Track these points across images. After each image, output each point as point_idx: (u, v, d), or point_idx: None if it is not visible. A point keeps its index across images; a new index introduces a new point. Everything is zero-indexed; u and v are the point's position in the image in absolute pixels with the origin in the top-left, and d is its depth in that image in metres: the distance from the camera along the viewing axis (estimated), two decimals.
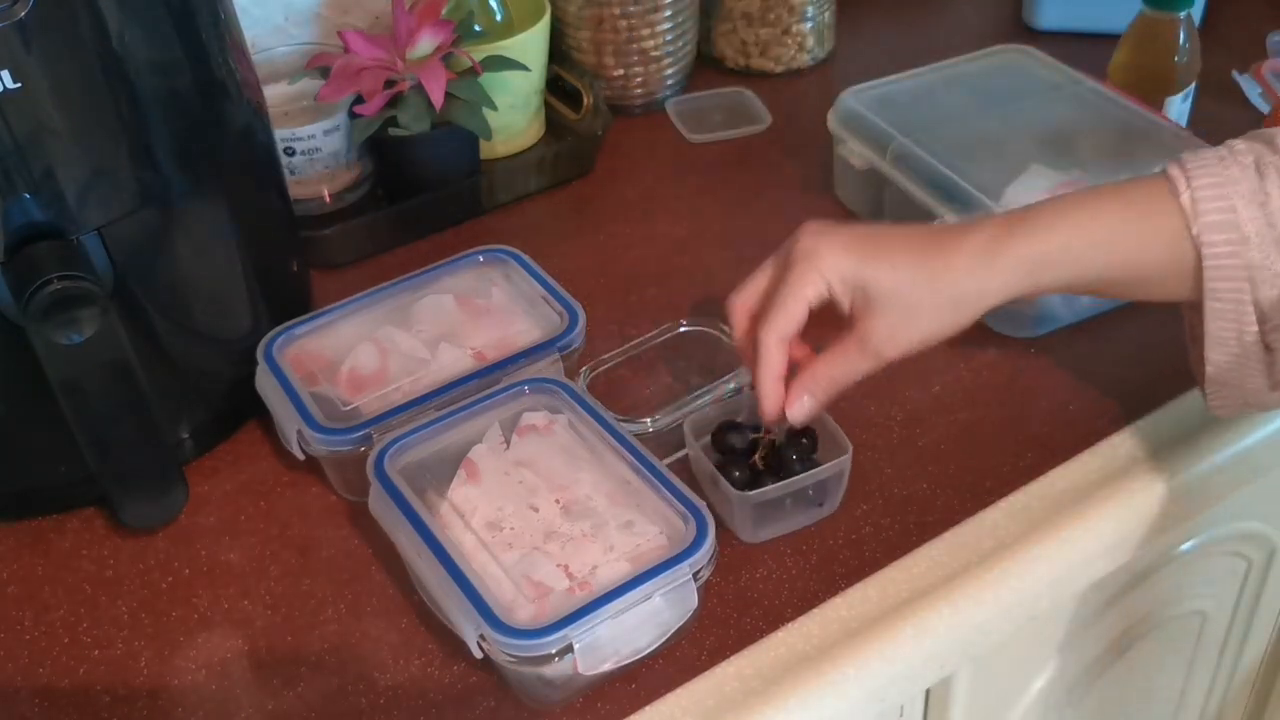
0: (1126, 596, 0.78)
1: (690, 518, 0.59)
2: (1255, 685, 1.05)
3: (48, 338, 0.58)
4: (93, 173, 0.60)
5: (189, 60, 0.64)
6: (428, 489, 0.63)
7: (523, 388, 0.67)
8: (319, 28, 0.97)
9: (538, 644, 0.54)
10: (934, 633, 0.61)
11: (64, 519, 0.69)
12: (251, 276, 0.72)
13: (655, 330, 0.74)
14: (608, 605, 0.55)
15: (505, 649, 0.54)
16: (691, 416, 0.67)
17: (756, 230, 0.88)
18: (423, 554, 0.58)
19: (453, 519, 0.62)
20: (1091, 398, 0.72)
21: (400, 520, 0.60)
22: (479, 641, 0.55)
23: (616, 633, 0.56)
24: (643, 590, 0.56)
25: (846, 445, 0.64)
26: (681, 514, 0.59)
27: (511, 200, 0.92)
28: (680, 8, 0.99)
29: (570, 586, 0.57)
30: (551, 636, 0.54)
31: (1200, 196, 0.57)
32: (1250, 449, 0.70)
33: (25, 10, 0.54)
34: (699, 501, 0.60)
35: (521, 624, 0.55)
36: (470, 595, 0.56)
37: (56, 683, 0.61)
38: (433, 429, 0.65)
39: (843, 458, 0.64)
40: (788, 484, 0.63)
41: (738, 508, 0.63)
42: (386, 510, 0.61)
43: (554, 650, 0.54)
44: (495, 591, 0.57)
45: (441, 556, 0.58)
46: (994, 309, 0.60)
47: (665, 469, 0.62)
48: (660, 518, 0.60)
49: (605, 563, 0.58)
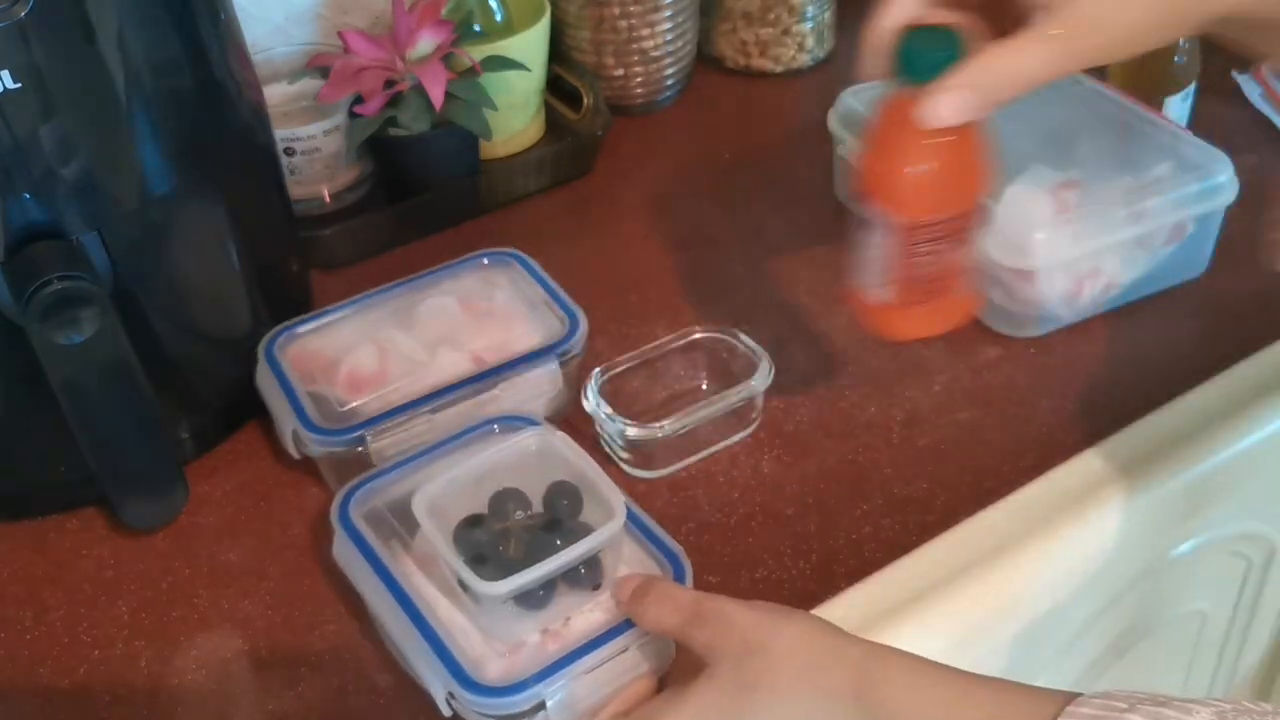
0: (1126, 596, 0.78)
1: (668, 564, 0.57)
2: (1255, 685, 1.05)
3: (48, 338, 0.58)
4: (93, 173, 0.60)
5: (189, 60, 0.64)
6: (393, 536, 0.61)
7: (492, 426, 0.65)
8: (319, 28, 0.97)
9: (508, 702, 0.52)
10: (934, 633, 0.61)
11: (64, 519, 0.69)
12: (251, 276, 0.72)
13: (670, 335, 0.73)
14: (582, 660, 0.53)
15: (475, 708, 0.52)
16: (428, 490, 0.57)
17: (756, 230, 0.88)
18: (389, 607, 0.56)
19: (419, 567, 0.59)
20: (1091, 398, 0.72)
21: (365, 569, 0.58)
22: (448, 699, 0.53)
23: (592, 688, 0.53)
24: (618, 643, 0.54)
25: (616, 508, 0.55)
26: (658, 559, 0.58)
27: (511, 200, 0.92)
28: (680, 8, 0.99)
29: (542, 639, 0.55)
30: (523, 694, 0.52)
31: None
32: (1250, 449, 0.70)
33: (25, 10, 0.54)
34: (676, 546, 0.58)
35: (491, 680, 0.53)
36: (439, 651, 0.53)
37: (56, 683, 0.61)
38: (398, 472, 0.63)
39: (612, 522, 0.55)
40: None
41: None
42: (350, 558, 0.59)
43: (526, 708, 0.52)
44: (464, 645, 0.54)
45: (409, 609, 0.55)
46: (1223, 19, 0.47)
47: (643, 513, 0.60)
48: (638, 563, 0.58)
49: (580, 613, 0.56)
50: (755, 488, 0.68)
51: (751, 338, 0.72)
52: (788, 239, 0.87)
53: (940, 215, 0.56)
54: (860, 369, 0.75)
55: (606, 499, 0.56)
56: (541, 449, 0.60)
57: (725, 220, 0.89)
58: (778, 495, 0.68)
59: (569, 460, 0.59)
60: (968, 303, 0.64)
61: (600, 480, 0.57)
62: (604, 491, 0.56)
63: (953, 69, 0.51)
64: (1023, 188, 0.75)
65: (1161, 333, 0.76)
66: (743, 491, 0.68)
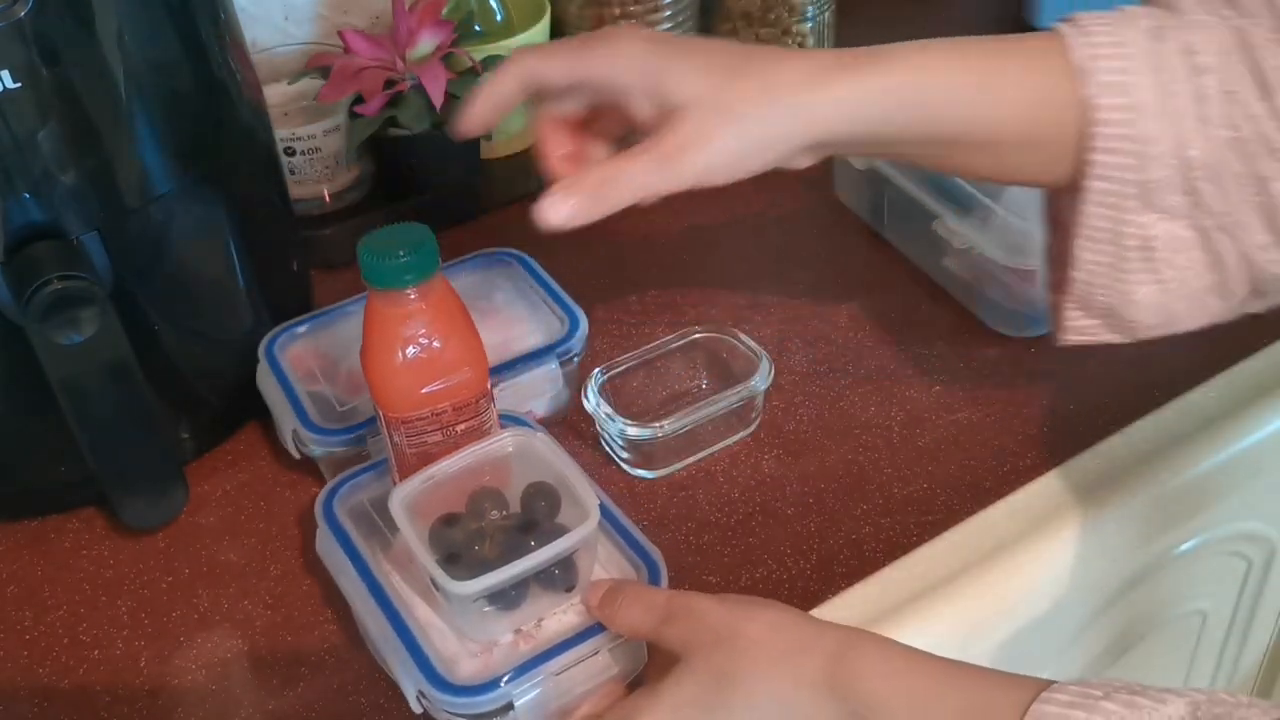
0: (1126, 596, 0.78)
1: (643, 566, 0.57)
2: (1255, 685, 1.05)
3: (48, 338, 0.58)
4: (93, 173, 0.60)
5: (189, 60, 0.64)
6: (376, 533, 0.61)
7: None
8: (319, 28, 0.97)
9: (476, 701, 0.52)
10: (934, 633, 0.61)
11: (64, 519, 0.69)
12: (251, 276, 0.72)
13: (670, 335, 0.74)
14: (551, 661, 0.53)
15: (444, 706, 0.52)
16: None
17: (756, 230, 0.88)
18: (366, 602, 0.56)
19: (399, 564, 0.59)
20: (1091, 398, 0.72)
21: (345, 565, 0.58)
22: (419, 697, 0.53)
23: (561, 689, 0.53)
24: (589, 645, 0.54)
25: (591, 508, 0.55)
26: (634, 562, 0.57)
27: (511, 200, 0.92)
28: (680, 8, 0.99)
29: (515, 639, 0.55)
30: (491, 694, 0.52)
31: (1096, 54, 0.49)
32: (1250, 449, 0.70)
33: (25, 10, 0.54)
34: (653, 549, 0.58)
35: (463, 679, 0.53)
36: (411, 648, 0.54)
37: (56, 683, 0.61)
38: (384, 469, 0.63)
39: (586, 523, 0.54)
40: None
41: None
42: (332, 553, 0.59)
43: (494, 708, 0.52)
44: (438, 644, 0.55)
45: (384, 606, 0.56)
46: (816, 145, 0.52)
47: (622, 514, 0.60)
48: (614, 565, 0.58)
49: (553, 614, 0.56)
50: (755, 488, 0.68)
51: (751, 338, 0.72)
52: (788, 239, 0.87)
53: (420, 411, 0.57)
54: (860, 369, 0.75)
55: (582, 501, 0.56)
56: (523, 449, 0.60)
57: (725, 220, 0.89)
58: (778, 495, 0.68)
59: (549, 461, 0.58)
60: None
61: (578, 482, 0.57)
62: (580, 493, 0.56)
63: (419, 270, 0.54)
64: (1022, 188, 0.75)
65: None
66: (743, 491, 0.68)
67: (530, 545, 0.54)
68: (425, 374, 0.56)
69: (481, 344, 0.58)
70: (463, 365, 0.57)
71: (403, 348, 0.56)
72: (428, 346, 0.56)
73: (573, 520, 0.56)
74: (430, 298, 0.56)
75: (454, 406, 0.58)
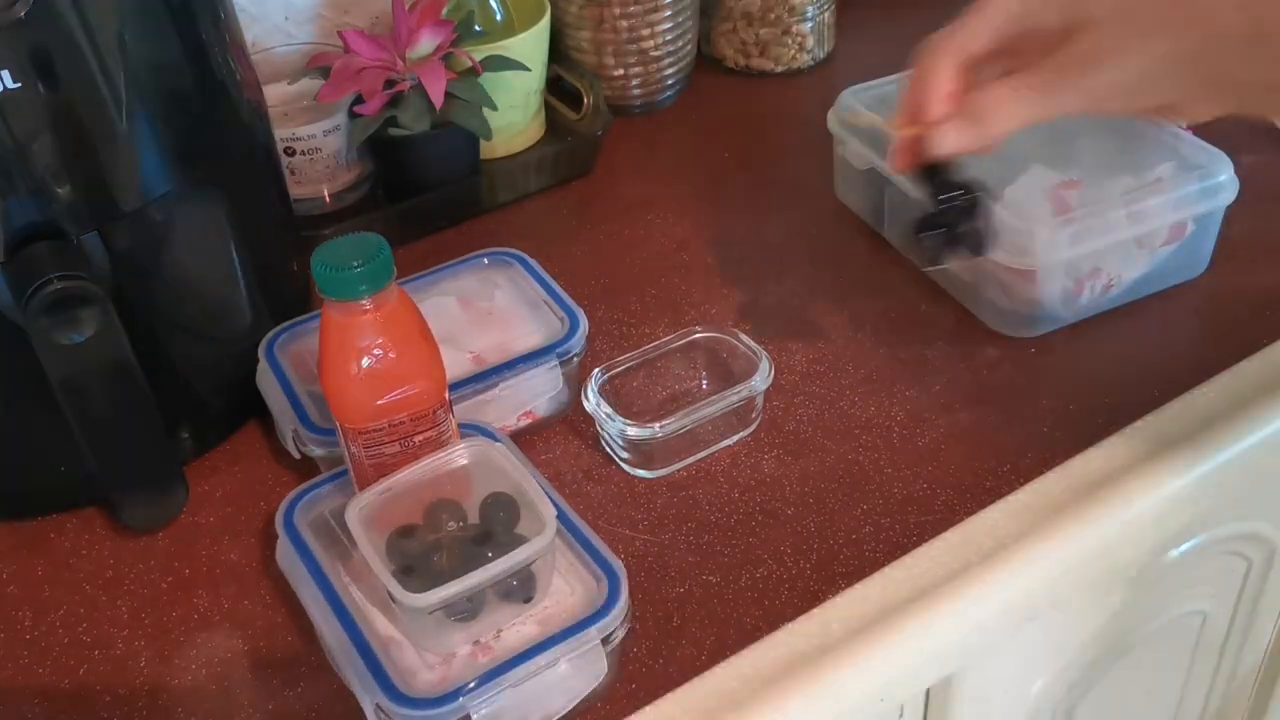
0: (1127, 596, 0.78)
1: (604, 577, 0.56)
2: (1255, 685, 1.05)
3: (48, 338, 0.58)
4: (93, 173, 0.60)
5: (189, 60, 0.64)
6: (335, 544, 0.61)
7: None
8: (319, 28, 0.97)
9: (434, 714, 0.51)
10: (934, 632, 0.61)
11: (64, 519, 0.69)
12: (251, 276, 0.72)
13: (670, 335, 0.73)
14: (509, 673, 0.52)
15: (402, 719, 0.52)
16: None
17: (756, 230, 0.88)
18: (324, 615, 0.56)
19: (358, 576, 0.59)
20: (1091, 398, 0.72)
21: (305, 577, 0.58)
22: (376, 709, 0.53)
23: (519, 700, 0.53)
24: (548, 656, 0.53)
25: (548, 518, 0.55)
26: (595, 573, 0.57)
27: (511, 200, 0.92)
28: (680, 8, 0.99)
29: (473, 651, 0.55)
30: (448, 706, 0.51)
31: None
32: (1250, 449, 0.70)
33: (25, 10, 0.54)
34: (614, 559, 0.57)
35: (420, 692, 0.52)
36: (369, 661, 0.53)
37: (56, 683, 0.61)
38: (345, 479, 0.63)
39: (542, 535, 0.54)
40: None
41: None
42: (292, 565, 0.59)
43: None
44: (397, 657, 0.54)
45: (342, 618, 0.55)
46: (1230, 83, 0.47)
47: (583, 523, 0.59)
48: (575, 575, 0.58)
49: (511, 626, 0.55)
50: (755, 487, 0.68)
51: (751, 338, 0.72)
52: (788, 239, 0.87)
53: (377, 422, 0.57)
54: (860, 369, 0.75)
55: (540, 512, 0.55)
56: (481, 460, 0.59)
57: (725, 220, 0.89)
58: (778, 495, 0.68)
59: (507, 472, 0.58)
60: None
61: (537, 493, 0.57)
62: (538, 504, 0.56)
63: (373, 281, 0.54)
64: (1023, 188, 0.75)
65: (1161, 333, 0.76)
66: (743, 491, 0.68)
67: (487, 556, 0.54)
68: (382, 385, 0.57)
69: (439, 354, 0.58)
70: (419, 376, 0.57)
71: (358, 359, 0.56)
72: (383, 358, 0.56)
73: (531, 531, 0.55)
74: (385, 308, 0.56)
75: (411, 417, 0.58)
